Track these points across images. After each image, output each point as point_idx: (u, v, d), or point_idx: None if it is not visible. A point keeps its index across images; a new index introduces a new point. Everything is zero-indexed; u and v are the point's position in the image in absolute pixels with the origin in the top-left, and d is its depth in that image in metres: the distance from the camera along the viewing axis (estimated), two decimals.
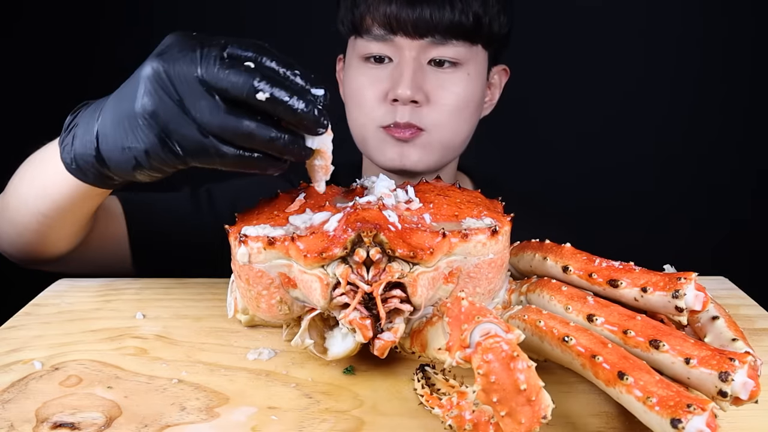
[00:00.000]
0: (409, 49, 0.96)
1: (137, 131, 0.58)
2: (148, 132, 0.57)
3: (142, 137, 0.57)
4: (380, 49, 0.98)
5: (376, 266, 0.57)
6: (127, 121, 0.58)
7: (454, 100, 0.98)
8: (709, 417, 0.44)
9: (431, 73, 0.97)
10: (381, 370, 0.64)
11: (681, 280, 0.56)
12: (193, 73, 0.54)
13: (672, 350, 0.51)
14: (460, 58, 0.98)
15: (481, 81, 1.02)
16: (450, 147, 1.02)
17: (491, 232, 0.61)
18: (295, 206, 0.66)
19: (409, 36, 0.95)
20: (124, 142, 0.59)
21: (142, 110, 0.56)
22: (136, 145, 0.58)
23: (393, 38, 0.96)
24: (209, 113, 0.54)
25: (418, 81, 0.96)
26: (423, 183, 0.72)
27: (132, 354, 0.68)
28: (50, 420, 0.56)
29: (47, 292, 0.83)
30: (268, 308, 0.65)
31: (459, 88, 0.98)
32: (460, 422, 0.49)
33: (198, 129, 0.55)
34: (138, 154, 0.59)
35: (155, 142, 0.57)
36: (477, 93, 1.02)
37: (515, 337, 0.47)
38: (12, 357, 0.67)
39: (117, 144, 0.59)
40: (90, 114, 0.63)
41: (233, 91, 0.53)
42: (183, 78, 0.55)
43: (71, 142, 0.65)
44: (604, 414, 0.57)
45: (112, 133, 0.60)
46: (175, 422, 0.55)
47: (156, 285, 0.85)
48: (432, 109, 0.98)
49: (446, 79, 0.98)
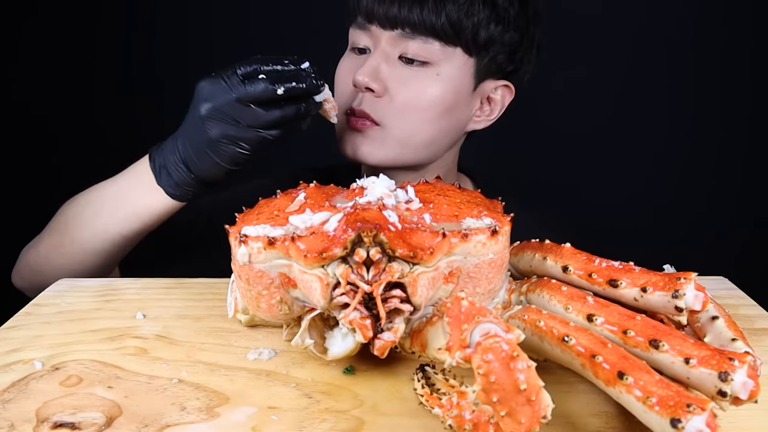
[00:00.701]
0: (384, 40, 0.97)
1: (219, 149, 0.82)
2: (226, 147, 0.82)
3: (225, 151, 0.82)
4: (362, 38, 1.00)
5: (376, 266, 0.57)
6: (207, 146, 0.82)
7: (414, 97, 0.96)
8: (709, 417, 0.44)
9: (398, 68, 0.97)
10: (381, 370, 0.64)
11: (681, 280, 0.56)
12: (230, 98, 0.79)
13: (672, 350, 0.51)
14: (431, 57, 0.96)
15: (455, 85, 0.98)
16: (407, 145, 0.99)
17: (491, 232, 0.61)
18: (295, 206, 0.66)
19: (382, 26, 0.96)
20: (213, 160, 0.83)
21: (217, 136, 0.81)
22: (223, 158, 0.83)
23: (370, 28, 0.98)
24: (254, 118, 0.80)
25: (381, 71, 0.96)
26: (423, 183, 0.72)
27: (132, 354, 0.68)
28: (50, 420, 0.56)
29: (47, 292, 0.83)
30: (268, 308, 0.65)
31: (422, 86, 0.96)
32: (460, 422, 0.49)
33: (253, 130, 0.81)
34: (226, 163, 0.83)
35: (234, 150, 0.82)
36: (447, 96, 0.98)
37: (515, 337, 0.47)
38: (12, 357, 0.67)
39: (207, 164, 0.84)
40: (170, 155, 0.86)
41: (261, 97, 0.79)
42: (227, 104, 0.79)
43: (168, 177, 0.86)
44: (604, 414, 0.57)
45: (201, 157, 0.83)
46: (175, 422, 0.56)
47: (156, 285, 0.85)
48: (390, 104, 0.97)
49: (411, 76, 0.96)
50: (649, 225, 2.06)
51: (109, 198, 0.92)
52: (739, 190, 2.06)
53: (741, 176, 2.05)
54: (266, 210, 0.67)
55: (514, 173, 1.87)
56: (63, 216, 0.96)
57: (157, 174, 0.87)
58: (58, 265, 0.94)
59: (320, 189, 0.70)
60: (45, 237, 0.98)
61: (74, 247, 0.93)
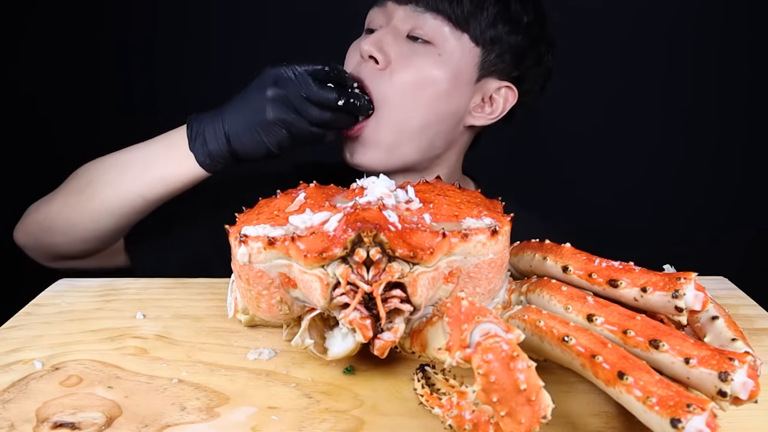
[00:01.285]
0: (396, 16, 0.99)
1: (271, 131, 0.89)
2: (279, 130, 0.89)
3: (275, 134, 0.89)
4: (378, 17, 1.02)
5: (376, 266, 0.57)
6: (260, 126, 0.88)
7: (412, 73, 0.97)
8: (709, 417, 0.44)
9: (403, 43, 0.98)
10: (381, 370, 0.64)
11: (681, 280, 0.56)
12: (299, 93, 0.87)
13: (672, 350, 0.51)
14: (435, 37, 0.97)
15: (454, 68, 0.98)
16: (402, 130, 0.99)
17: (491, 232, 0.61)
18: (295, 206, 0.66)
19: (396, 1, 1.00)
20: (260, 138, 0.89)
21: (274, 119, 0.88)
22: (271, 140, 0.89)
23: (386, 4, 1.01)
24: (314, 114, 0.88)
25: (385, 42, 0.98)
26: (423, 183, 0.72)
27: (132, 354, 0.68)
28: (50, 420, 0.56)
29: (47, 292, 0.83)
30: (268, 308, 0.65)
31: (423, 63, 0.97)
32: (460, 422, 0.49)
33: (308, 124, 0.89)
34: (272, 146, 0.90)
35: (285, 135, 0.89)
36: (443, 77, 0.98)
37: (515, 336, 0.47)
38: (12, 357, 0.67)
39: (252, 140, 0.89)
40: (210, 125, 0.90)
41: (325, 102, 0.88)
42: (294, 97, 0.87)
43: (203, 145, 0.90)
44: (604, 414, 0.57)
45: (248, 135, 0.89)
46: (175, 422, 0.56)
47: (156, 285, 0.85)
48: (389, 77, 0.97)
49: (413, 52, 0.98)
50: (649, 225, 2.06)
51: (137, 160, 0.94)
52: (739, 190, 2.05)
53: (741, 176, 2.05)
54: (266, 210, 0.67)
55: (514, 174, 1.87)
56: (85, 175, 0.98)
57: (192, 140, 0.91)
58: (71, 222, 0.96)
59: (320, 189, 0.70)
60: (61, 193, 0.99)
61: (93, 204, 0.94)
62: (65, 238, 0.98)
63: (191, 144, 0.91)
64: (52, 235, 0.98)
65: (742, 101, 2.00)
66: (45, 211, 0.99)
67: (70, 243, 0.98)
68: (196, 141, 0.91)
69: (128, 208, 0.95)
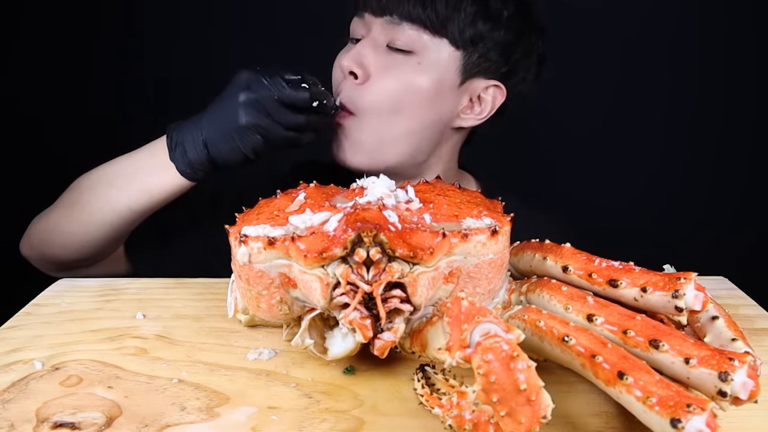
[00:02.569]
0: (374, 28, 0.99)
1: (245, 137, 0.87)
2: (253, 136, 0.87)
3: (249, 140, 0.88)
4: (358, 28, 1.02)
5: (376, 266, 0.57)
6: (235, 132, 0.87)
7: (393, 84, 0.97)
8: (709, 417, 0.44)
9: (382, 55, 0.98)
10: (381, 370, 0.64)
11: (681, 280, 0.56)
12: (272, 96, 0.86)
13: (672, 350, 0.51)
14: (415, 46, 0.97)
15: (436, 75, 0.98)
16: (384, 138, 0.99)
17: (491, 232, 0.61)
18: (294, 206, 0.66)
19: (373, 13, 0.99)
20: (235, 145, 0.88)
21: (247, 123, 0.86)
22: (246, 146, 0.88)
23: (364, 15, 1.00)
24: (287, 118, 0.88)
25: (363, 56, 0.98)
26: (423, 183, 0.72)
27: (132, 354, 0.68)
28: (50, 420, 0.56)
29: (47, 292, 0.83)
30: (268, 308, 0.65)
31: (403, 73, 0.97)
32: (460, 422, 0.49)
33: (282, 128, 0.88)
34: (247, 151, 0.88)
35: (260, 140, 0.88)
36: (426, 84, 0.97)
37: (515, 336, 0.47)
38: (12, 357, 0.67)
39: (228, 147, 0.88)
40: (189, 133, 0.89)
41: (299, 104, 0.88)
42: (267, 100, 0.86)
43: (183, 154, 0.90)
44: (604, 414, 0.57)
45: (223, 142, 0.88)
46: (175, 422, 0.56)
47: (156, 285, 0.85)
48: (369, 89, 0.97)
49: (393, 62, 0.97)
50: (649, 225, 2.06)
51: (122, 171, 0.95)
52: (739, 190, 2.05)
53: (741, 176, 2.05)
54: (266, 210, 0.67)
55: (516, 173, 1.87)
56: (77, 187, 0.99)
57: (172, 150, 0.90)
58: (66, 234, 0.97)
59: (320, 189, 0.70)
60: (57, 206, 1.00)
61: (83, 216, 0.95)
62: (63, 250, 0.99)
63: (171, 154, 0.90)
64: (50, 246, 1.00)
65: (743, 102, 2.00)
66: (44, 223, 1.01)
67: (68, 253, 0.99)
68: (176, 150, 0.90)
69: (117, 219, 0.95)
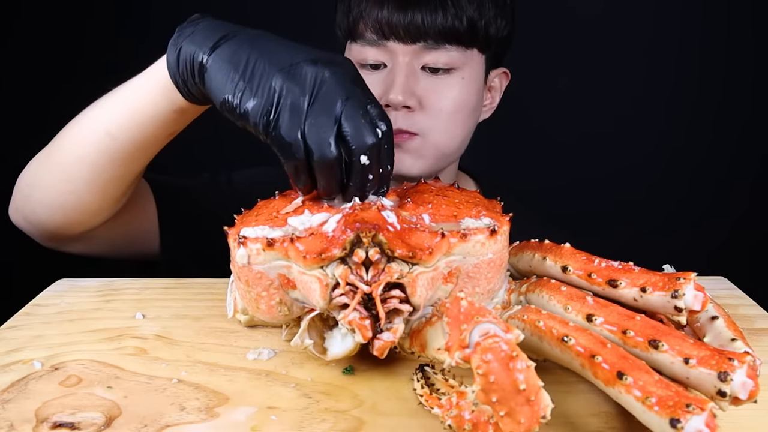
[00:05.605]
0: (402, 54, 0.96)
1: (264, 82, 0.60)
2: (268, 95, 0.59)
3: (263, 91, 0.60)
4: (375, 55, 0.98)
5: (375, 267, 0.57)
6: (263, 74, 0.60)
7: (447, 104, 0.98)
8: (708, 417, 0.44)
9: (424, 78, 0.97)
10: (380, 370, 0.64)
11: (680, 280, 0.56)
12: (336, 105, 0.58)
13: (671, 350, 0.51)
14: (454, 63, 0.97)
15: (477, 85, 1.02)
16: (445, 152, 1.02)
17: (490, 232, 0.61)
18: (293, 207, 0.66)
19: (401, 41, 0.95)
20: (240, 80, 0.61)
21: (282, 79, 0.59)
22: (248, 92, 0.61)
23: (386, 43, 0.96)
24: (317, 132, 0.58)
25: (410, 86, 0.96)
26: (422, 183, 0.72)
27: (132, 354, 0.68)
28: (50, 420, 0.56)
29: (47, 292, 0.83)
30: (267, 309, 0.65)
31: (453, 92, 0.98)
32: (459, 422, 0.49)
33: (299, 127, 0.58)
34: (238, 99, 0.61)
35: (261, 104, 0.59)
36: (472, 97, 1.01)
37: (514, 337, 0.47)
38: (12, 357, 0.67)
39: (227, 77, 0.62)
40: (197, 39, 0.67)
41: (353, 146, 0.58)
42: (328, 98, 0.58)
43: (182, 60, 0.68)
44: (604, 414, 0.57)
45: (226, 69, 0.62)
46: (174, 422, 0.56)
47: (156, 285, 0.85)
48: (425, 114, 0.98)
49: (439, 84, 0.98)
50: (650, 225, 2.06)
51: (108, 95, 0.81)
52: (739, 192, 2.05)
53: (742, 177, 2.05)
54: (265, 211, 0.67)
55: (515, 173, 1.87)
56: (63, 129, 0.85)
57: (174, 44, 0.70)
58: (44, 184, 0.84)
59: None
60: (39, 153, 0.87)
61: (60, 156, 0.82)
62: (46, 209, 0.85)
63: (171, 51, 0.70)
64: (33, 206, 0.86)
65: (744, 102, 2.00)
66: (25, 177, 0.88)
67: (52, 214, 0.85)
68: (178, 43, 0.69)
69: (96, 154, 0.79)
